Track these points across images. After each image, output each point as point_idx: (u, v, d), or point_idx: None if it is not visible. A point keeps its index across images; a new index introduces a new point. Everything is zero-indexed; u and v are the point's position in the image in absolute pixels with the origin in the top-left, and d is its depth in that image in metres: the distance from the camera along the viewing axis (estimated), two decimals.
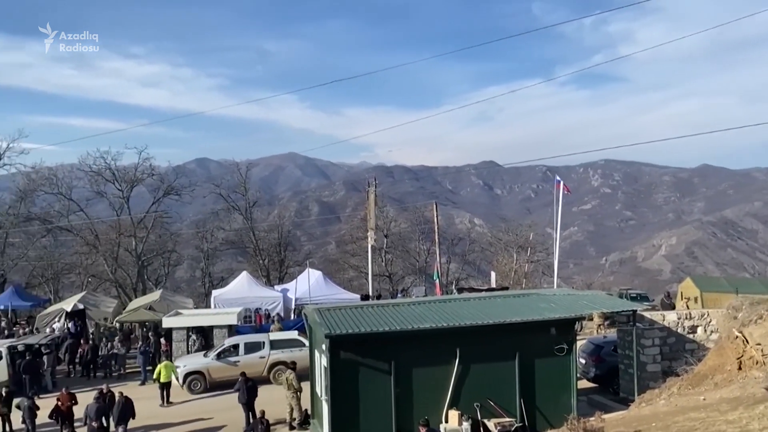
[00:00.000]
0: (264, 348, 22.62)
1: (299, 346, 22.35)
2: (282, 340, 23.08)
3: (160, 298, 31.59)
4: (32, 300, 34.43)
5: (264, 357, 22.44)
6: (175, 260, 52.53)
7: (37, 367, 23.10)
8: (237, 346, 22.68)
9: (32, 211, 45.79)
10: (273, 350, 22.53)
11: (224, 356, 22.34)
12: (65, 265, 47.49)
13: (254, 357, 22.34)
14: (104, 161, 45.28)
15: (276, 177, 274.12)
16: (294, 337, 23.19)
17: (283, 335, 23.93)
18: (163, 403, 20.89)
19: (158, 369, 21.26)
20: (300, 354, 21.93)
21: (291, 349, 22.43)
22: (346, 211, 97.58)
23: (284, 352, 22.22)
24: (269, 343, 22.72)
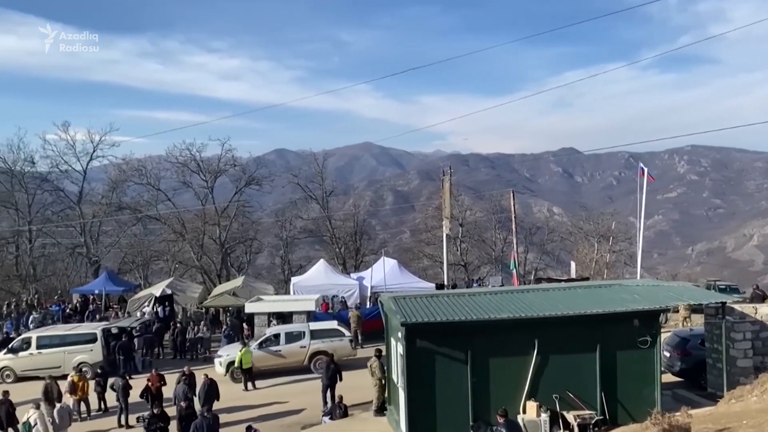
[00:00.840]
0: (304, 338, 22.95)
1: (339, 336, 22.93)
2: (322, 330, 23.37)
3: (243, 285, 32.67)
4: (124, 285, 36.25)
5: (305, 347, 22.82)
6: (256, 248, 54.06)
7: (130, 348, 24.41)
8: (278, 335, 23.04)
9: (123, 201, 48.19)
10: (313, 340, 22.87)
11: (265, 346, 22.77)
12: (154, 252, 49.75)
13: (295, 346, 22.71)
14: (189, 153, 47.13)
15: (351, 167, 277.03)
16: (334, 327, 23.64)
17: (323, 325, 24.20)
18: (245, 387, 21.64)
19: (239, 356, 21.93)
20: (340, 344, 22.75)
21: (331, 339, 22.78)
22: (420, 200, 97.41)
23: (324, 342, 22.62)
24: (309, 333, 23.06)
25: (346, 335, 23.25)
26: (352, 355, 23.04)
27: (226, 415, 17.45)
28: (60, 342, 24.32)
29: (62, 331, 25.58)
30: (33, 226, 44.56)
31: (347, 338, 23.13)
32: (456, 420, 13.35)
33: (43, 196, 47.07)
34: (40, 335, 24.76)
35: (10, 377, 23.72)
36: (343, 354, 22.31)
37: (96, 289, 33.63)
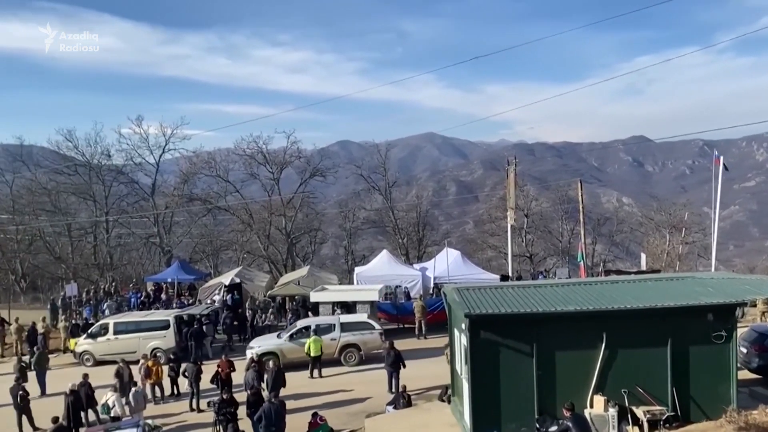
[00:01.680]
0: (335, 330, 23.12)
1: (369, 329, 23.07)
2: (352, 323, 23.50)
3: (308, 274, 33.21)
4: (195, 274, 37.40)
5: (335, 339, 22.94)
6: (320, 238, 54.92)
7: (201, 335, 25.24)
8: (309, 327, 23.24)
9: (194, 192, 49.81)
10: (343, 333, 23.05)
11: (296, 337, 22.95)
12: (223, 241, 51.27)
13: (325, 339, 22.74)
14: (256, 145, 48.25)
15: (414, 157, 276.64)
16: (364, 320, 23.67)
17: (353, 318, 24.33)
18: (311, 374, 22.05)
19: (307, 343, 22.35)
20: (370, 337, 22.90)
21: (361, 332, 22.96)
22: (484, 191, 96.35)
23: (354, 335, 22.83)
24: (340, 326, 23.23)
25: (376, 328, 23.34)
26: (383, 348, 23.08)
27: (293, 402, 17.86)
28: (135, 328, 25.38)
29: (137, 317, 26.71)
30: (110, 217, 46.62)
31: (377, 331, 23.21)
32: (520, 412, 13.21)
33: (119, 188, 49.17)
34: (117, 321, 25.92)
35: (89, 361, 24.94)
36: (372, 347, 22.52)
37: (169, 277, 34.86)
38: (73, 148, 46.64)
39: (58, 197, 47.06)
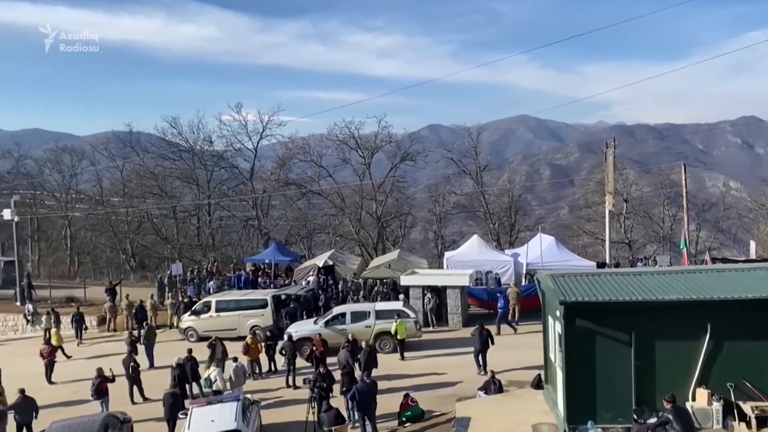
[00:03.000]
0: (369, 317, 23.13)
1: (404, 317, 22.79)
2: (387, 311, 23.43)
3: (398, 258, 33.51)
4: (290, 255, 38.60)
5: (369, 326, 22.90)
6: (410, 222, 55.09)
7: (297, 314, 26.05)
8: (344, 314, 23.37)
9: (290, 177, 51.23)
10: (378, 320, 23.01)
11: (332, 324, 23.11)
12: (317, 225, 52.51)
13: (360, 326, 22.82)
14: (348, 131, 48.90)
15: (506, 140, 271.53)
16: (399, 308, 23.53)
17: (388, 306, 24.28)
18: (402, 356, 22.34)
19: (394, 326, 22.68)
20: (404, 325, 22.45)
21: (395, 319, 22.74)
22: (580, 175, 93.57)
23: (389, 323, 22.65)
24: (375, 313, 23.22)
25: (411, 316, 23.21)
26: (417, 336, 22.81)
27: (385, 383, 18.16)
28: (235, 306, 26.57)
29: (237, 296, 27.94)
30: (212, 200, 48.79)
31: (412, 319, 23.09)
32: (617, 403, 12.84)
33: (220, 173, 51.42)
34: (219, 299, 27.21)
35: (193, 337, 26.31)
36: (408, 335, 22.36)
37: (266, 258, 36.19)
38: (177, 134, 49.19)
39: (165, 181, 49.79)
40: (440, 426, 15.83)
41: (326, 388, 16.60)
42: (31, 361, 23.25)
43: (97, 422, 15.04)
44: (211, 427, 14.20)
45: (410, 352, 22.92)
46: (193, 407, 15.34)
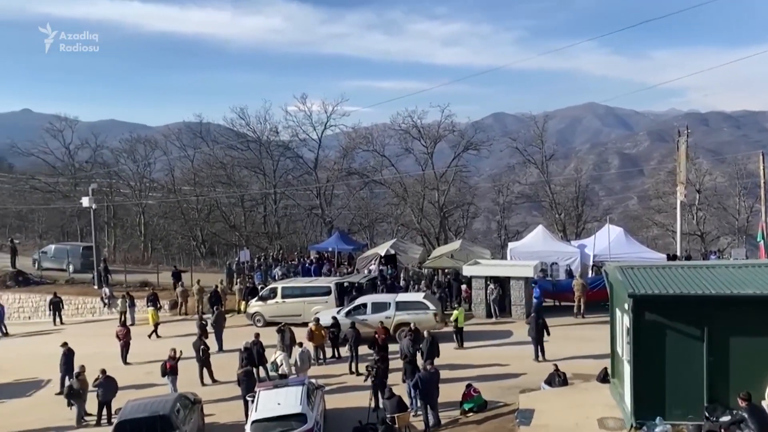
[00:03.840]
0: (389, 309, 23.13)
1: (423, 309, 22.77)
2: (407, 302, 23.44)
3: (460, 248, 33.34)
4: (353, 244, 38.98)
5: (389, 317, 22.84)
6: (473, 212, 54.71)
7: None
8: (366, 305, 23.43)
9: (353, 167, 51.76)
10: (398, 311, 23.00)
11: (353, 314, 23.18)
12: (379, 214, 52.84)
13: (380, 316, 22.75)
14: (411, 120, 48.95)
15: (573, 129, 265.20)
16: (419, 300, 23.49)
17: (408, 297, 24.25)
18: (458, 345, 22.30)
19: (455, 315, 22.72)
20: (424, 317, 22.50)
21: (416, 311, 22.74)
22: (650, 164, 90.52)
23: (408, 314, 22.58)
24: (395, 305, 23.21)
25: (431, 309, 23.01)
26: (437, 328, 22.52)
27: (447, 372, 18.18)
28: (300, 293, 27.10)
29: (302, 283, 28.49)
30: (277, 189, 49.83)
31: (431, 312, 22.89)
32: (687, 399, 12.47)
33: (285, 163, 52.49)
34: (284, 286, 27.81)
35: (260, 322, 27.02)
36: (426, 327, 21.89)
37: (330, 246, 36.69)
38: (245, 125, 50.52)
39: (233, 171, 51.18)
40: (503, 417, 15.76)
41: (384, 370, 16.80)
42: (107, 342, 24.40)
43: (170, 402, 15.71)
44: (277, 410, 14.61)
45: (472, 342, 22.87)
46: (260, 390, 15.81)
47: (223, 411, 18.08)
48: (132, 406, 15.68)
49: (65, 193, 53.78)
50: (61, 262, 37.73)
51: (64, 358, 20.40)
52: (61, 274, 37.12)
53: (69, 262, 37.35)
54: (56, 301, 31.29)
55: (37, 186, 57.30)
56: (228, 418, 17.60)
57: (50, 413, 19.01)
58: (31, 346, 25.78)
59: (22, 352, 25.90)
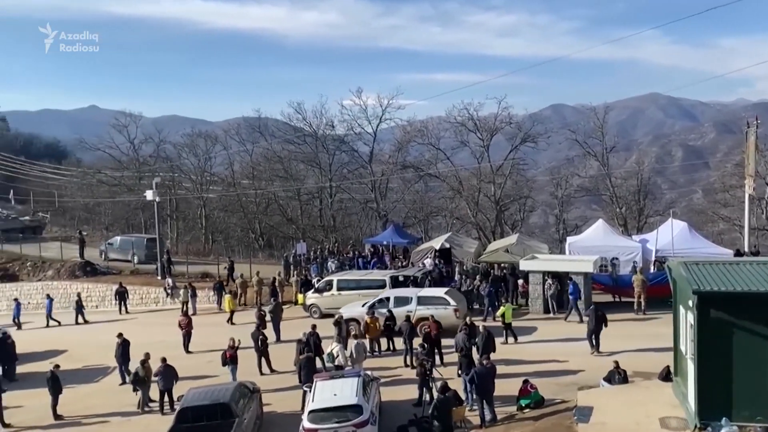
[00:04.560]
0: (411, 303, 23.40)
1: (443, 304, 23.00)
2: (428, 297, 23.71)
3: (517, 242, 32.91)
4: (407, 237, 38.97)
5: (411, 312, 22.79)
6: (530, 206, 53.88)
7: None
8: (388, 298, 23.79)
9: (407, 160, 51.76)
10: (419, 306, 23.21)
11: (377, 307, 23.33)
12: (434, 207, 52.70)
13: (402, 310, 22.82)
14: (467, 112, 48.48)
15: (635, 120, 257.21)
16: (440, 296, 23.64)
17: (430, 292, 24.40)
18: (505, 341, 22.03)
19: (502, 311, 22.59)
20: (444, 312, 22.75)
21: (436, 306, 22.91)
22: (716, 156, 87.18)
23: (429, 309, 22.70)
24: (416, 299, 23.51)
25: (451, 304, 23.10)
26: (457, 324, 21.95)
27: (503, 367, 18.02)
28: (355, 285, 27.33)
29: (357, 276, 28.73)
30: (333, 183, 50.31)
31: (452, 307, 23.00)
32: (756, 400, 12.00)
33: (341, 156, 52.92)
34: (340, 278, 28.12)
35: (316, 313, 27.42)
36: (447, 323, 22.06)
37: (384, 240, 36.82)
38: (301, 119, 51.16)
39: (290, 165, 52.02)
40: (560, 414, 15.51)
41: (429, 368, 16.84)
42: (170, 331, 25.21)
43: (230, 390, 16.13)
44: (333, 401, 14.81)
45: (528, 337, 22.60)
46: (317, 380, 16.05)
47: (280, 400, 18.44)
48: (194, 394, 16.17)
49: (130, 187, 55.71)
50: (126, 253, 39.18)
51: (120, 349, 21.12)
52: (126, 264, 38.56)
53: (134, 253, 38.74)
54: (122, 291, 32.51)
55: (104, 179, 59.71)
56: (285, 407, 17.95)
57: (116, 399, 19.81)
58: (99, 334, 26.84)
59: (89, 340, 27.03)
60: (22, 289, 36.78)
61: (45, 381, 18.76)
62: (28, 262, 40.60)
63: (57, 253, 40.25)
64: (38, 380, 19.57)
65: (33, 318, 31.50)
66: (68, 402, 19.27)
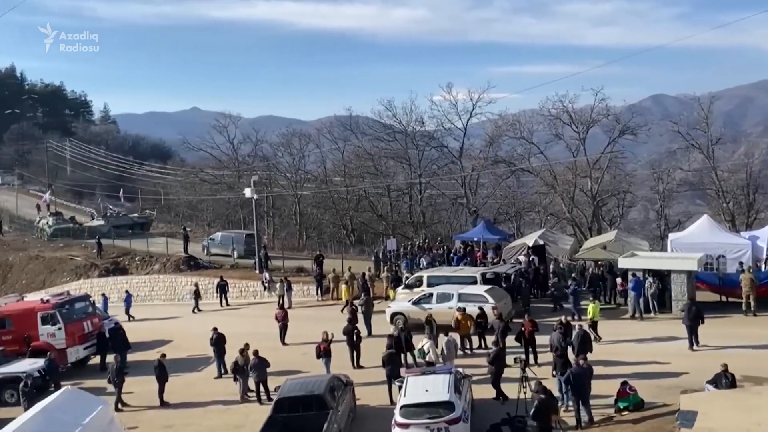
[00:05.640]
0: (452, 299, 23.84)
1: (483, 301, 23.27)
2: (469, 294, 24.15)
3: (615, 239, 31.76)
4: (499, 234, 38.33)
5: (452, 308, 23.13)
6: (629, 201, 51.76)
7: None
8: (432, 295, 24.59)
9: (499, 155, 51.02)
10: (459, 302, 23.44)
11: (420, 303, 24.31)
12: (526, 203, 51.68)
13: (443, 306, 23.61)
14: (561, 105, 47.15)
15: (743, 110, 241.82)
16: (479, 293, 24.05)
17: (471, 290, 24.68)
18: (595, 338, 21.24)
19: (590, 308, 21.95)
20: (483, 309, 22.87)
21: (475, 303, 23.12)
22: None
23: (469, 306, 22.94)
24: (457, 296, 23.96)
25: (490, 302, 23.26)
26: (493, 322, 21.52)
27: (601, 368, 17.46)
28: (446, 282, 27.05)
29: (448, 272, 28.58)
30: (422, 179, 50.39)
31: (490, 305, 23.11)
32: None
33: (430, 152, 52.96)
34: (430, 275, 28.03)
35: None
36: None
37: (475, 236, 36.45)
38: (392, 116, 51.56)
39: (380, 161, 52.59)
40: (661, 418, 14.88)
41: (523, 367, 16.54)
42: (267, 323, 26.08)
43: (324, 382, 16.54)
44: (424, 397, 14.84)
45: (627, 337, 21.78)
46: (408, 376, 16.15)
47: (372, 394, 18.69)
48: (290, 385, 16.69)
49: (230, 185, 58.11)
50: (226, 248, 40.95)
51: (215, 344, 22.06)
52: (226, 259, 40.31)
53: (233, 249, 40.41)
54: (222, 285, 33.96)
55: (206, 178, 62.63)
56: (377, 401, 18.18)
57: (217, 388, 20.79)
58: (201, 325, 28.12)
59: (193, 331, 28.40)
60: (131, 281, 39.22)
61: (152, 369, 19.92)
62: (137, 256, 43.30)
63: (163, 248, 42.62)
64: (146, 368, 20.78)
65: (141, 310, 33.51)
66: (173, 389, 20.36)
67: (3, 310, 25.61)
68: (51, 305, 24.56)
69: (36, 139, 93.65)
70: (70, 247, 48.92)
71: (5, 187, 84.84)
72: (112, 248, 45.29)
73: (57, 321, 24.08)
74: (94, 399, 16.31)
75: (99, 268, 42.66)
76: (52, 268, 45.74)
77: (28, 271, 47.34)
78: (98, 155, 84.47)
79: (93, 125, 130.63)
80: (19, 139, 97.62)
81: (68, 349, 24.03)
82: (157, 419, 19.06)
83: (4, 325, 24.65)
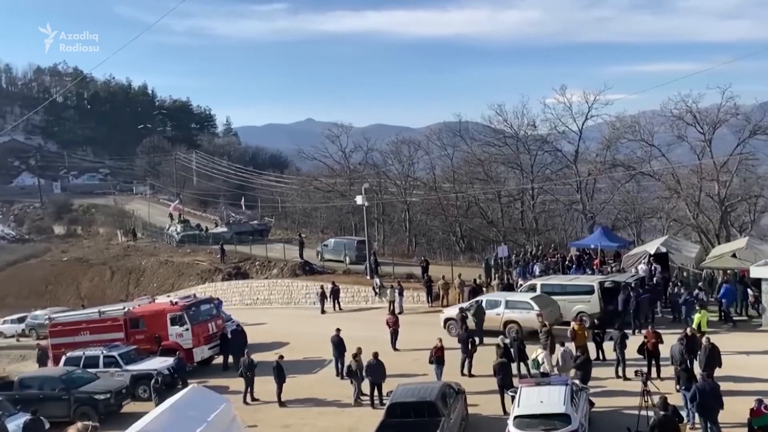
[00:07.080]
0: (500, 306, 24.97)
1: (528, 308, 24.09)
2: (515, 301, 25.18)
3: (746, 246, 29.53)
4: (618, 241, 36.76)
5: (500, 314, 24.65)
6: (761, 206, 48.03)
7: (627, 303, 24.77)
8: (481, 302, 25.34)
9: (616, 158, 48.89)
10: (507, 309, 24.76)
11: (467, 310, 24.98)
12: (647, 209, 49.21)
13: (492, 313, 24.77)
14: (685, 105, 44.47)
15: None
16: (525, 300, 24.79)
17: (517, 297, 25.76)
18: None
19: (696, 318, 20.91)
20: (527, 315, 23.88)
21: (521, 310, 24.34)
22: None
23: (514, 312, 24.49)
24: (505, 303, 25.04)
25: (534, 308, 23.82)
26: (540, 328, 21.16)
27: (730, 384, 16.37)
28: (561, 291, 26.38)
29: (563, 280, 27.77)
30: (535, 185, 49.23)
31: (534, 311, 23.56)
32: None
33: (543, 157, 51.59)
34: (544, 283, 27.35)
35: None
36: (529, 326, 23.40)
37: (592, 243, 35.13)
38: (502, 121, 50.78)
39: (490, 167, 51.95)
40: None
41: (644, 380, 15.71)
42: (378, 328, 26.47)
43: (436, 389, 16.54)
44: (539, 408, 14.47)
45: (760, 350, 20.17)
46: (522, 386, 15.81)
47: (485, 403, 18.47)
48: (402, 390, 16.83)
49: (342, 192, 59.58)
50: (339, 254, 42.07)
51: (335, 346, 22.62)
52: (339, 264, 41.42)
53: (345, 254, 41.43)
54: (335, 290, 34.87)
55: (319, 186, 64.61)
56: (490, 410, 17.96)
57: (333, 390, 21.32)
58: (317, 328, 29.01)
59: (308, 333, 29.34)
60: (251, 285, 41.17)
61: (271, 370, 20.77)
62: (257, 261, 45.49)
63: (280, 253, 44.46)
64: (265, 369, 21.69)
65: (260, 312, 35.04)
66: (290, 390, 21.09)
67: (137, 311, 27.41)
68: (179, 307, 26.17)
69: (165, 152, 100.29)
70: (196, 252, 52.23)
71: (138, 197, 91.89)
72: (234, 254, 47.84)
73: (185, 322, 25.66)
74: (218, 397, 17.23)
75: (222, 273, 45.26)
76: (180, 272, 49.07)
77: (159, 275, 51.06)
78: (221, 166, 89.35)
79: (216, 138, 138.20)
80: (151, 152, 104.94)
81: (195, 349, 25.56)
82: (275, 418, 19.80)
83: (138, 325, 26.54)
